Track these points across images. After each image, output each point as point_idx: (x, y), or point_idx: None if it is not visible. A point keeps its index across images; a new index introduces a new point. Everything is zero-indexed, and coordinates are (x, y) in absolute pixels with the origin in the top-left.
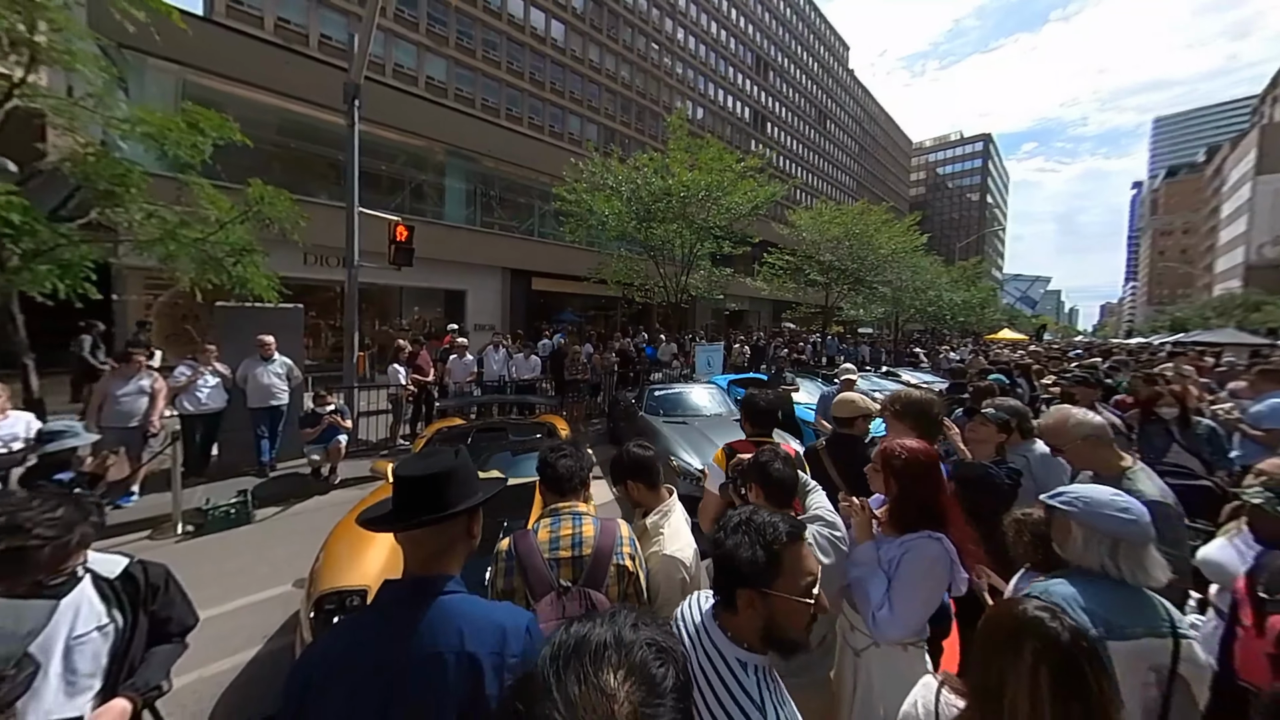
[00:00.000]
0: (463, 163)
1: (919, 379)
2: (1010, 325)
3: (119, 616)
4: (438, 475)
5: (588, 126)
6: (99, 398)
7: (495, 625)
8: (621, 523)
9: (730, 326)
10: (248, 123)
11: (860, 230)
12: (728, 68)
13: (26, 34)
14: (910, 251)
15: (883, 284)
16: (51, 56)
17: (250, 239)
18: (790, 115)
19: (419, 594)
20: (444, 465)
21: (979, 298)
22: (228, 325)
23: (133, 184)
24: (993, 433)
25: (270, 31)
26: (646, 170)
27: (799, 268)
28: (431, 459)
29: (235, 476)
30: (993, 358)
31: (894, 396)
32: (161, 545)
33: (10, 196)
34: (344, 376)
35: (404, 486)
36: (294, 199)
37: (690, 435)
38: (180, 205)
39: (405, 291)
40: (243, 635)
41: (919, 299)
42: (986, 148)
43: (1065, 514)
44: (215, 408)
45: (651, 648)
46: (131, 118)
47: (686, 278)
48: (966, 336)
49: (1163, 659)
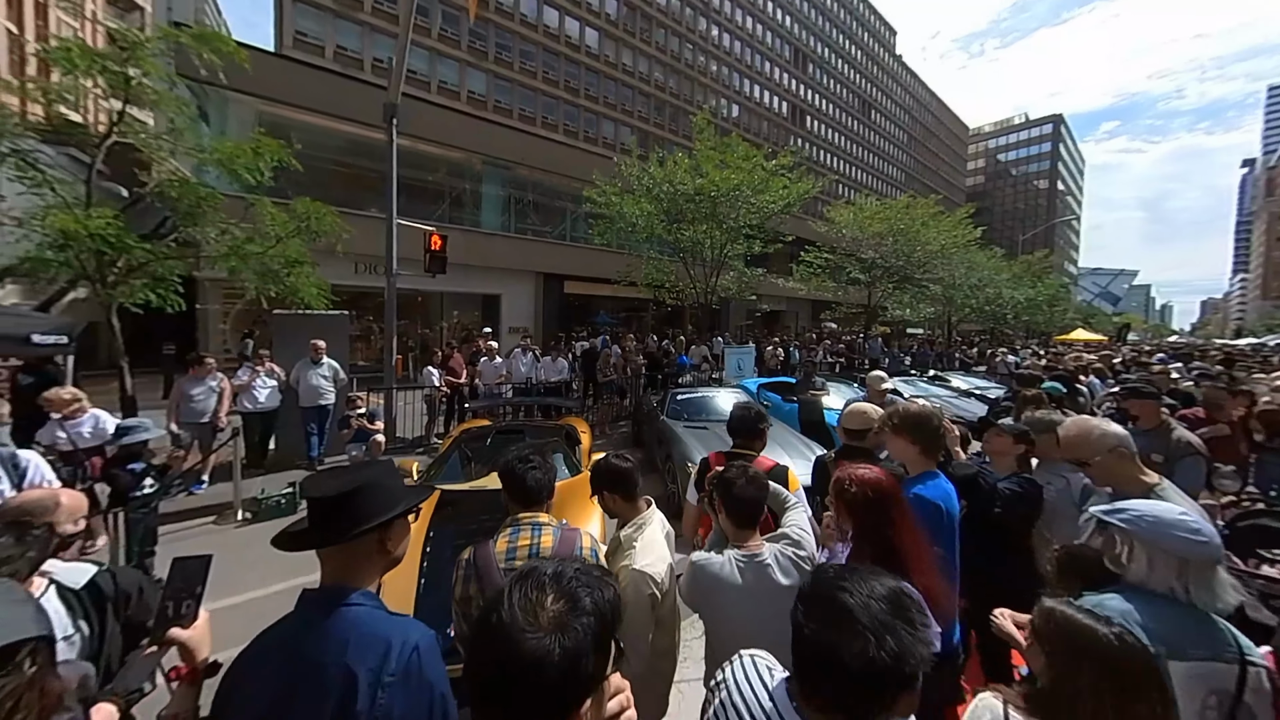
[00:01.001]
0: (499, 171)
1: (971, 384)
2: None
3: (84, 626)
4: (341, 495)
5: (620, 130)
6: (176, 397)
7: (381, 640)
8: (584, 532)
9: (766, 328)
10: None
11: (906, 225)
12: (764, 63)
13: (124, 79)
14: (964, 246)
15: (933, 281)
16: (143, 98)
17: (301, 252)
18: (831, 107)
19: (323, 604)
20: (349, 484)
21: (1046, 294)
22: (283, 331)
23: (209, 205)
24: (1008, 444)
25: (330, 59)
26: (679, 169)
27: (839, 266)
28: (345, 476)
29: (288, 469)
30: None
31: (891, 410)
32: (224, 530)
33: (110, 220)
34: (384, 378)
35: (311, 506)
36: (340, 212)
37: (709, 441)
38: (246, 223)
39: (445, 296)
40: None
41: (974, 297)
42: (1057, 129)
43: (1128, 533)
44: (271, 407)
45: (581, 576)
46: (207, 147)
47: (717, 279)
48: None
49: (1226, 684)
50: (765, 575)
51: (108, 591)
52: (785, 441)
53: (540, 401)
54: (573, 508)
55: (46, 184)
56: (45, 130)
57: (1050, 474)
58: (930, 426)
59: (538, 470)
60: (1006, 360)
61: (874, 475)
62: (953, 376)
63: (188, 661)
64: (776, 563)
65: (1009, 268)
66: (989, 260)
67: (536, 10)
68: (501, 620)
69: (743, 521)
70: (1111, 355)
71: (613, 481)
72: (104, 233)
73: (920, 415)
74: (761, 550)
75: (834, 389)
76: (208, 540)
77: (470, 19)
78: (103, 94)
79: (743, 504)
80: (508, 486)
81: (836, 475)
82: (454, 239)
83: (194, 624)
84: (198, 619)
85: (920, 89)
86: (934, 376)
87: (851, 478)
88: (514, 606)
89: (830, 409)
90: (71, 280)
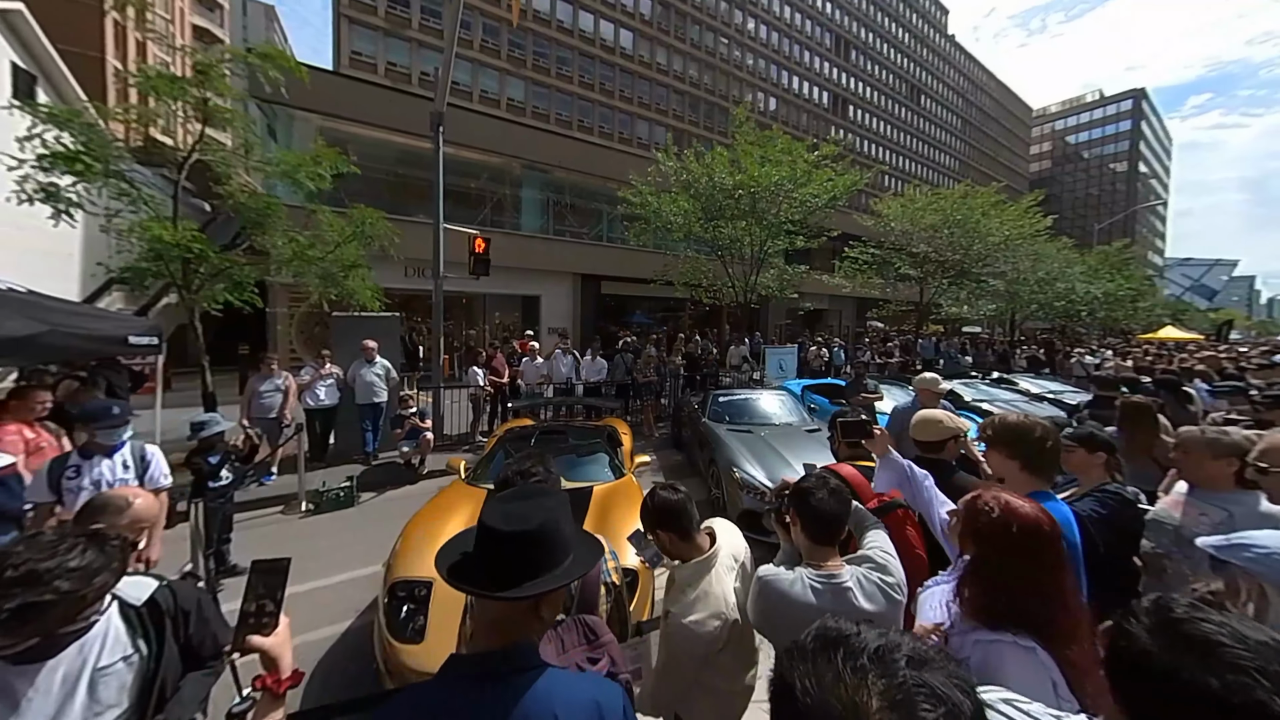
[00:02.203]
0: (538, 175)
1: (1043, 388)
2: (1175, 322)
3: (144, 646)
4: (529, 535)
5: (655, 130)
6: (248, 394)
7: (590, 703)
8: (601, 541)
9: (807, 326)
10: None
11: (963, 216)
12: (803, 52)
13: (202, 101)
14: (1030, 237)
15: (994, 276)
16: (218, 118)
17: (358, 256)
18: (877, 95)
19: (498, 669)
20: (537, 522)
21: (1127, 288)
22: (340, 332)
23: (275, 214)
24: (1083, 457)
25: (381, 74)
26: (717, 165)
27: (886, 261)
28: (526, 507)
29: (347, 464)
30: (1146, 362)
31: (989, 420)
32: (289, 520)
33: (194, 232)
34: (431, 377)
35: (491, 541)
36: (391, 219)
37: (755, 446)
38: (308, 230)
39: (487, 298)
40: (340, 607)
41: (1042, 292)
42: (1138, 106)
43: (1256, 575)
44: (330, 404)
45: (923, 691)
46: (273, 160)
47: (756, 277)
48: (1111, 335)
49: None
50: (845, 600)
51: (167, 608)
52: None
53: (582, 402)
54: (617, 513)
55: (141, 200)
56: (140, 152)
57: (1208, 502)
58: (1032, 439)
59: (539, 480)
60: (1084, 361)
61: (1031, 509)
62: (1020, 379)
63: (270, 671)
64: (859, 587)
65: (1082, 259)
66: (1059, 251)
67: (572, 16)
68: None
69: (821, 537)
70: (1218, 356)
71: (664, 519)
72: (189, 243)
73: (1020, 427)
74: (841, 572)
75: (886, 391)
76: (276, 529)
77: (514, 24)
78: (184, 117)
79: (819, 518)
80: None
81: (977, 495)
82: (496, 242)
83: (275, 631)
84: (279, 626)
85: (976, 70)
86: (999, 379)
87: (998, 503)
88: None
89: (883, 413)
90: (164, 287)
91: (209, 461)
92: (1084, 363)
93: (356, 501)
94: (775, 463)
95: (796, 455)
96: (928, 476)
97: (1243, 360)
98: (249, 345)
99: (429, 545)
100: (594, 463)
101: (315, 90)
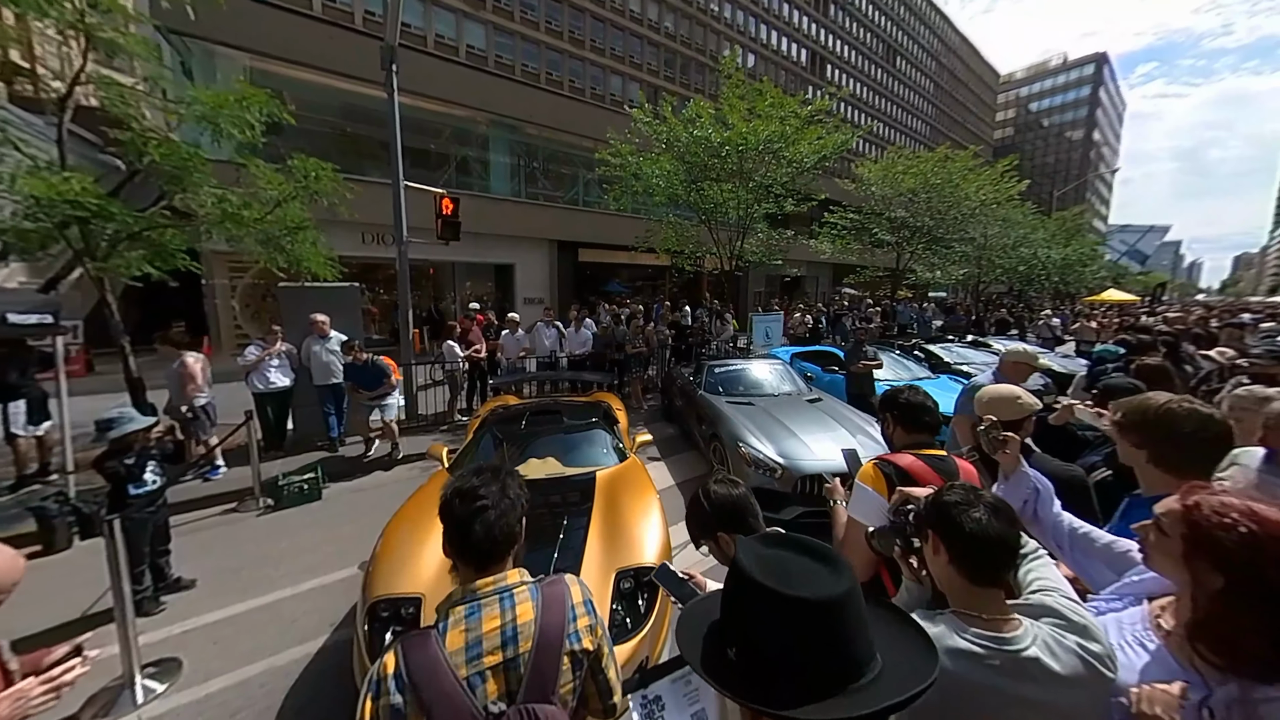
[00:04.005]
0: (506, 133)
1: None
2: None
3: None
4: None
5: (629, 85)
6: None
7: None
8: (572, 581)
9: (784, 293)
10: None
11: (941, 181)
12: (782, 5)
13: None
14: (1004, 203)
15: (964, 242)
16: (102, 39)
17: (303, 216)
18: (855, 54)
19: None
20: (845, 585)
21: (1079, 254)
22: (290, 305)
23: (196, 168)
24: None
25: (319, 10)
26: (703, 121)
27: (864, 226)
28: (814, 575)
29: (310, 450)
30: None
31: (1124, 401)
32: (244, 518)
33: (88, 185)
34: (401, 353)
35: (804, 614)
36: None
37: (758, 418)
38: (241, 188)
39: (456, 267)
40: (311, 621)
41: (1008, 258)
42: (1099, 72)
43: None
44: (283, 385)
45: None
46: (185, 99)
47: (742, 243)
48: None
49: None
50: (1026, 673)
51: None
52: (840, 417)
53: (569, 376)
54: (627, 504)
55: (10, 143)
56: (26, 100)
57: None
58: (1180, 431)
59: (489, 509)
60: (1050, 324)
61: None
62: (994, 342)
63: None
64: (1051, 649)
65: (1043, 225)
66: (1025, 218)
67: None
68: None
69: (983, 576)
70: (1209, 318)
71: (729, 518)
72: (82, 199)
73: (1167, 415)
74: (1018, 633)
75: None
76: (229, 531)
77: None
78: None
79: (985, 547)
80: (449, 538)
81: (1197, 500)
82: (463, 205)
83: None
84: None
85: (950, 32)
86: (974, 342)
87: (1244, 514)
88: None
89: (880, 381)
90: (75, 256)
91: (125, 464)
92: (1050, 325)
93: (323, 494)
94: (782, 436)
95: (803, 428)
96: (1049, 484)
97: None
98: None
99: (414, 554)
100: (593, 444)
101: (237, 21)
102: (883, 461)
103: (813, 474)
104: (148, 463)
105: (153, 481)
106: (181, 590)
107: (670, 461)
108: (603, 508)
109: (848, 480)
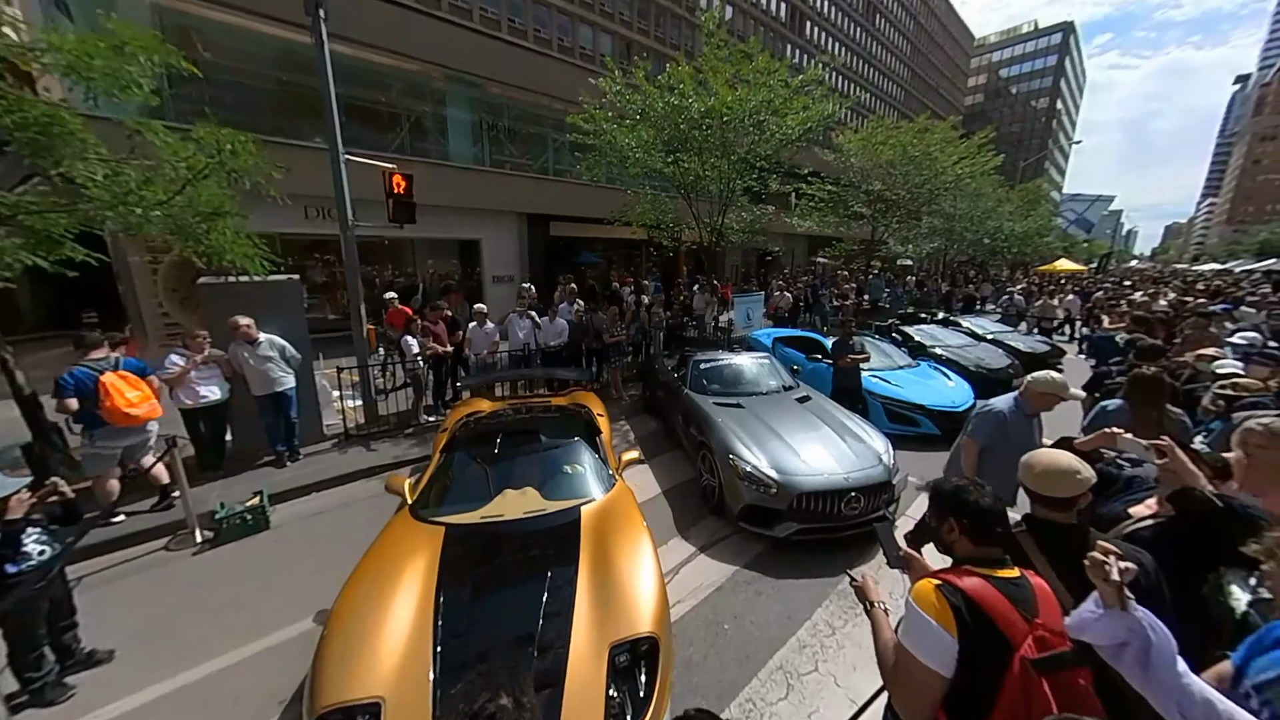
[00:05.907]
0: (465, 90)
1: (985, 329)
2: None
3: None
4: None
5: (600, 38)
6: None
7: None
8: None
9: (760, 267)
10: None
11: (920, 153)
12: None
13: None
14: (980, 175)
15: (936, 215)
16: None
17: (220, 199)
18: (835, 10)
19: None
20: None
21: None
22: (214, 305)
23: (71, 133)
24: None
25: None
26: (684, 87)
27: (841, 199)
28: None
29: (256, 467)
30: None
31: (1260, 427)
32: (177, 558)
33: None
34: (355, 349)
35: None
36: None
37: (748, 424)
38: (139, 160)
39: (415, 243)
40: (256, 699)
41: (976, 230)
42: (1066, 41)
43: None
44: (216, 398)
45: None
46: (38, 44)
47: (723, 218)
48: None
49: None
50: None
51: None
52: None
53: (544, 374)
54: (616, 541)
55: None
56: None
57: None
58: None
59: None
60: (1015, 300)
61: None
62: (964, 320)
63: None
64: None
65: (1009, 198)
66: (994, 190)
67: None
68: None
69: None
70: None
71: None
72: None
73: None
74: None
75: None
76: (159, 575)
77: None
78: None
79: None
80: None
81: None
82: (419, 175)
83: None
84: None
85: None
86: (945, 320)
87: None
88: None
89: (872, 371)
90: None
91: None
92: (1015, 301)
93: (270, 523)
94: (774, 445)
95: (794, 434)
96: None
97: None
98: (100, 311)
99: (370, 638)
100: (576, 469)
101: None
102: (947, 586)
103: (810, 492)
104: (27, 533)
105: (39, 553)
106: (96, 665)
107: (655, 465)
108: (591, 555)
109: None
